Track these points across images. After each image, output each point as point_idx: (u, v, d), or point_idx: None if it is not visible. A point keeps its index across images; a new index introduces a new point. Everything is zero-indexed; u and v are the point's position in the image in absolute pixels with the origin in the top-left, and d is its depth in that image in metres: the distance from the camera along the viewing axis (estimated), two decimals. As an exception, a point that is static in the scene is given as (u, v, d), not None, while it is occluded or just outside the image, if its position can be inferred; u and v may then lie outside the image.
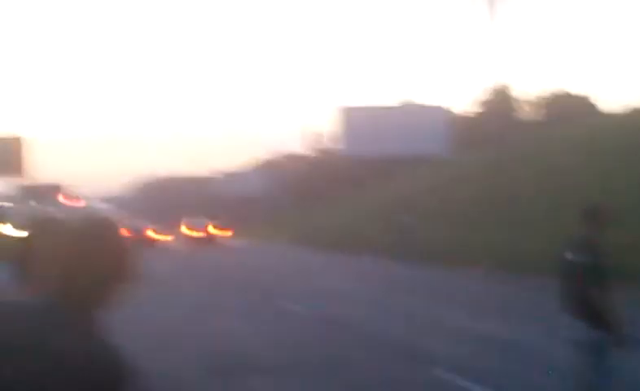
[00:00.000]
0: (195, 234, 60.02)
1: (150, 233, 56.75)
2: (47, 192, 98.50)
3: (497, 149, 31.68)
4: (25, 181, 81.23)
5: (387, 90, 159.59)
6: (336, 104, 49.55)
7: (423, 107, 56.59)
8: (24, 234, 3.56)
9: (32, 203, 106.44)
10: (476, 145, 54.75)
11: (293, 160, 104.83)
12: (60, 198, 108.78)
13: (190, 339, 15.24)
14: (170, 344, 14.52)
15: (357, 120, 46.89)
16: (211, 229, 61.18)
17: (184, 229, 61.49)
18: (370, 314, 18.65)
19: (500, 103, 50.01)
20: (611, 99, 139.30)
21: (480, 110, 71.31)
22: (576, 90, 75.01)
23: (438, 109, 49.48)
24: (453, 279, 27.18)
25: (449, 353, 12.99)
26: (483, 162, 44.51)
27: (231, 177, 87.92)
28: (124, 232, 2.61)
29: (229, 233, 62.54)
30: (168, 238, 59.55)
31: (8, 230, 45.95)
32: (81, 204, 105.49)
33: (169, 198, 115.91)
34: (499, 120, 34.25)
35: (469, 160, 53.75)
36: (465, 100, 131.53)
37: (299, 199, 67.56)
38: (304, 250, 46.59)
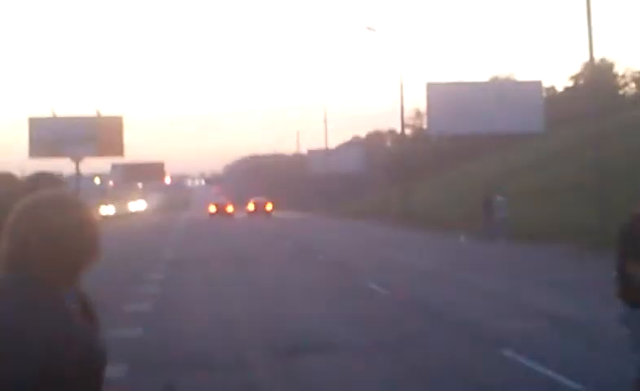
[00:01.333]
0: (253, 209, 77.42)
1: (229, 208, 77.64)
2: (151, 171, 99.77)
3: (595, 125, 30.89)
4: (128, 160, 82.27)
5: (481, 66, 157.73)
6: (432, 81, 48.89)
7: (516, 83, 55.53)
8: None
9: (138, 183, 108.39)
10: (573, 122, 53.67)
11: (391, 137, 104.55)
12: (166, 177, 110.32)
13: (260, 316, 15.42)
14: (242, 321, 14.73)
15: (442, 97, 46.19)
16: (268, 206, 77.70)
17: (250, 206, 78.78)
18: (449, 293, 18.57)
19: (600, 78, 48.84)
20: None
21: (579, 85, 69.87)
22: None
23: (533, 84, 48.45)
24: (541, 259, 26.76)
25: (523, 334, 12.84)
26: (578, 139, 43.59)
27: (329, 155, 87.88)
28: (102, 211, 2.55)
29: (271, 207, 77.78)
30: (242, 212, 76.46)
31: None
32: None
33: (264, 176, 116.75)
34: (598, 96, 33.31)
35: (564, 137, 52.73)
36: (562, 75, 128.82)
37: (393, 177, 67.30)
38: (395, 228, 46.46)
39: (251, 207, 78.35)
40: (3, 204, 2.60)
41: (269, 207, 77.65)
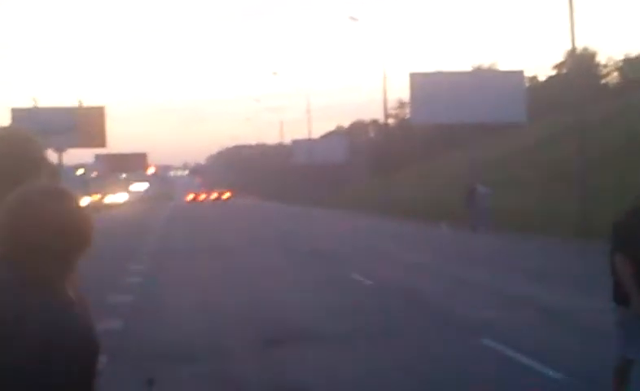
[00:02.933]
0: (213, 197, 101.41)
1: (213, 196, 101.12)
2: (135, 162, 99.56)
3: (576, 114, 31.00)
4: (111, 151, 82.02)
5: (464, 56, 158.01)
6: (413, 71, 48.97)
7: (499, 73, 55.72)
8: None
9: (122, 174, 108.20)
10: (555, 111, 53.86)
11: (374, 127, 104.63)
12: (149, 168, 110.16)
13: (242, 305, 15.43)
14: (225, 312, 14.74)
15: (425, 87, 46.26)
16: (226, 195, 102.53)
17: (212, 194, 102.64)
18: (432, 283, 18.63)
19: (582, 68, 49.00)
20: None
21: (561, 74, 70.12)
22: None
23: (515, 74, 48.58)
24: (524, 249, 26.86)
25: (505, 323, 12.90)
26: (561, 128, 43.78)
27: (313, 145, 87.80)
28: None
29: (227, 195, 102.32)
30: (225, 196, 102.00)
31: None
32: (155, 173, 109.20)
33: (248, 167, 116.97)
34: (581, 85, 33.44)
35: (546, 127, 52.93)
36: (545, 65, 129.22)
37: (377, 167, 67.51)
38: (379, 219, 46.54)
39: (213, 195, 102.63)
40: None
41: (225, 195, 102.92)
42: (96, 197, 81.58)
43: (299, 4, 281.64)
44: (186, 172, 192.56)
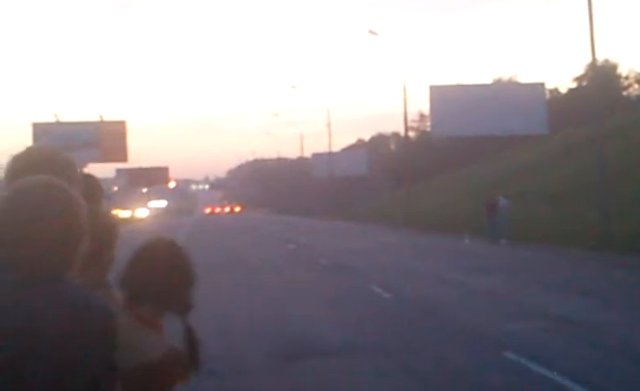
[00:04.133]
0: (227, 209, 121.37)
1: (227, 209, 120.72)
2: (156, 176, 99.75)
3: (598, 126, 30.85)
4: (131, 165, 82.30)
5: (484, 68, 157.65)
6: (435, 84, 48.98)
7: (519, 85, 55.60)
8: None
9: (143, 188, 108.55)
10: (576, 123, 53.67)
11: (395, 140, 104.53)
12: (170, 182, 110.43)
13: (266, 321, 15.41)
14: (245, 326, 14.73)
15: (446, 100, 46.24)
16: (237, 209, 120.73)
17: (226, 208, 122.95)
18: (453, 295, 18.54)
19: (603, 80, 48.78)
20: None
21: (581, 86, 69.85)
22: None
23: (536, 86, 48.49)
24: (545, 261, 26.72)
25: (527, 336, 12.82)
26: (582, 140, 43.59)
27: (333, 158, 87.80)
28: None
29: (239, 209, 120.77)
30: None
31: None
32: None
33: (268, 181, 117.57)
34: (601, 97, 33.30)
35: (567, 139, 52.72)
36: (566, 77, 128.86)
37: (398, 180, 67.45)
38: (399, 231, 46.45)
39: (227, 209, 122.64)
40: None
41: (237, 209, 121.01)
42: (118, 212, 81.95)
43: (318, 18, 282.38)
44: (207, 186, 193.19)
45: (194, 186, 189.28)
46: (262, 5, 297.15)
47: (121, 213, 73.83)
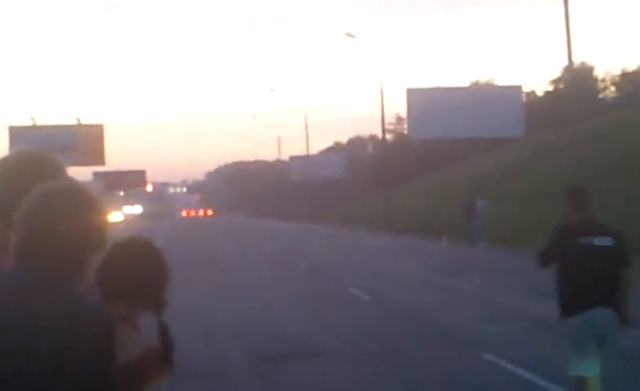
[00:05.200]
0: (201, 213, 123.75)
1: (201, 212, 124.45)
2: (133, 180, 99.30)
3: (573, 129, 31.06)
4: (109, 168, 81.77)
5: (461, 71, 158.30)
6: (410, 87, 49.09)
7: (496, 88, 55.88)
8: None
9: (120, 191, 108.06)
10: (552, 125, 53.97)
11: (372, 142, 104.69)
12: (148, 185, 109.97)
13: (246, 323, 15.42)
14: (225, 328, 14.74)
15: (423, 102, 46.36)
16: (209, 212, 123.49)
17: (200, 212, 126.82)
18: (431, 298, 18.61)
19: (579, 82, 49.12)
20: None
21: (557, 89, 70.30)
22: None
23: (513, 89, 48.75)
24: (522, 263, 26.77)
25: (506, 338, 12.90)
26: (558, 143, 43.82)
27: (311, 161, 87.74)
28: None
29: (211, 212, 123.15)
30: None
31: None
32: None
33: (246, 184, 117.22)
34: (578, 100, 33.55)
35: (544, 141, 53.00)
36: (543, 80, 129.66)
37: (375, 182, 67.54)
38: (377, 234, 46.51)
39: (200, 212, 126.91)
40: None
41: (209, 212, 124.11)
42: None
43: (296, 21, 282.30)
44: (185, 189, 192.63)
45: (171, 190, 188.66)
46: (240, 8, 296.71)
47: None
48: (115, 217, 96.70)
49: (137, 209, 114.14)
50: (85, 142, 59.52)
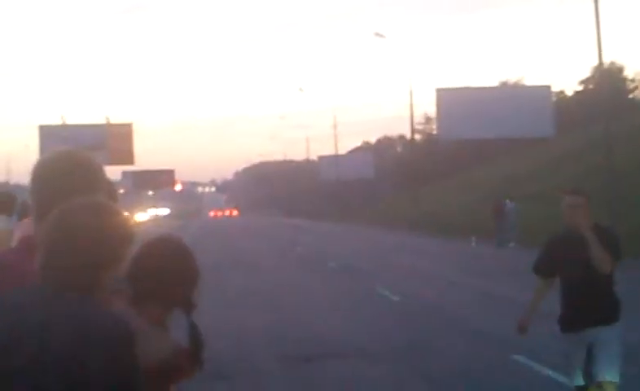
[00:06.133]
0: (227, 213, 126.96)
1: (227, 212, 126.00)
2: (162, 179, 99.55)
3: (605, 129, 30.84)
4: (138, 168, 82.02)
5: (490, 71, 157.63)
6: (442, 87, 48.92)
7: (526, 88, 55.53)
8: None
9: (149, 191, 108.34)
10: (583, 125, 53.62)
11: (401, 143, 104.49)
12: (177, 185, 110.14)
13: (276, 323, 15.43)
14: (255, 327, 14.77)
15: (452, 103, 46.17)
16: (234, 212, 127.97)
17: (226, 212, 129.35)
18: (460, 298, 18.55)
19: (609, 82, 48.75)
20: None
21: (587, 89, 69.79)
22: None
23: (542, 89, 48.43)
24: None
25: (535, 339, 12.80)
26: (588, 143, 43.55)
27: (340, 161, 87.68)
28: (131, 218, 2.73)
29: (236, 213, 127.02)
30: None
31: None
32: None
33: (274, 184, 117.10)
34: (608, 100, 33.32)
35: (574, 141, 52.66)
36: (572, 80, 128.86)
37: (404, 182, 67.46)
38: (406, 234, 46.44)
39: (227, 212, 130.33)
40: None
41: (234, 212, 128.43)
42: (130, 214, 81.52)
43: (325, 21, 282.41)
44: (214, 188, 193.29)
45: (200, 189, 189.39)
46: (270, 8, 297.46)
47: None
48: (139, 216, 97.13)
49: (163, 211, 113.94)
50: (114, 141, 59.76)
